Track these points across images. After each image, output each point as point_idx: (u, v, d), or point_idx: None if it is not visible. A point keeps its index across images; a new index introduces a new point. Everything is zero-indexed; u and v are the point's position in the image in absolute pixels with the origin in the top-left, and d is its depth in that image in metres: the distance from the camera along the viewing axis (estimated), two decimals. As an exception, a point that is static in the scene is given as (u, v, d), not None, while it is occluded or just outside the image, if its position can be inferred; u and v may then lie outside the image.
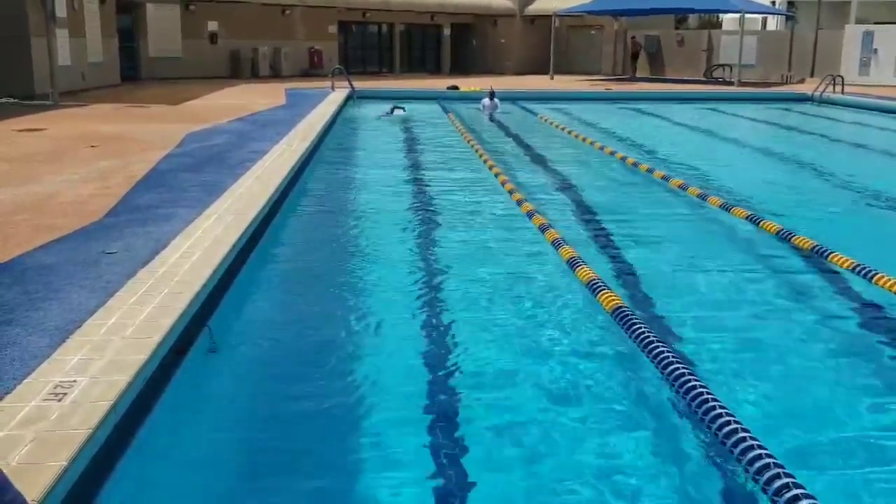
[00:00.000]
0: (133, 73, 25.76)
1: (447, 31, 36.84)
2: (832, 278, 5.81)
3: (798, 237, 6.48)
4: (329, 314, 5.05)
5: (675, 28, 39.56)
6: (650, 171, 10.12)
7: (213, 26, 29.09)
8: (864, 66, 28.51)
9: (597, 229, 7.43)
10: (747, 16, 29.74)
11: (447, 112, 17.61)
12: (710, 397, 3.32)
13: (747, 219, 7.30)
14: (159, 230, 5.87)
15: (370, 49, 36.04)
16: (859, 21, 30.23)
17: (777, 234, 6.76)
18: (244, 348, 4.50)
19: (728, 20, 38.35)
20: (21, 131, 12.27)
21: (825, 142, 14.96)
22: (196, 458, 3.36)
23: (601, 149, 12.32)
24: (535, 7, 36.57)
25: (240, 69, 29.05)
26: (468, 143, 12.70)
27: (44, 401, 3.07)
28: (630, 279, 5.85)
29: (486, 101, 18.51)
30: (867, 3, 30.69)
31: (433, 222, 7.52)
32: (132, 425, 3.26)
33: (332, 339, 4.64)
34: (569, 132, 14.62)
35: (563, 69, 33.89)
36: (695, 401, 3.36)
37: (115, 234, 5.75)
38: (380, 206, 8.19)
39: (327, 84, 21.61)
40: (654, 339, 3.98)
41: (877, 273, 5.35)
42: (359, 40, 35.64)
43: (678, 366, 3.64)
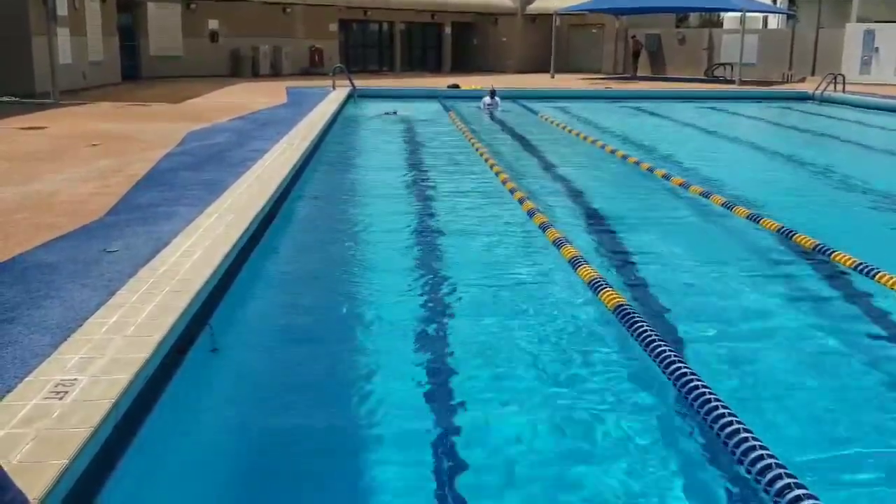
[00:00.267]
0: (134, 71, 25.77)
1: (448, 30, 36.85)
2: (833, 277, 5.80)
3: (799, 235, 6.48)
4: (329, 313, 5.05)
5: (676, 27, 39.57)
6: (651, 170, 10.11)
7: (213, 25, 29.11)
8: (865, 64, 28.50)
9: (597, 228, 7.42)
10: (748, 14, 29.73)
11: (448, 111, 17.61)
12: (713, 397, 3.31)
13: (748, 217, 7.29)
14: (160, 229, 5.87)
15: (371, 48, 36.07)
16: (860, 20, 30.18)
17: (777, 232, 6.76)
18: (245, 348, 4.49)
19: (729, 19, 38.29)
20: (22, 130, 12.28)
21: (826, 141, 14.95)
22: (196, 457, 3.36)
23: (602, 147, 12.32)
24: (536, 6, 36.58)
25: (240, 68, 29.06)
26: (469, 141, 12.69)
27: (45, 399, 3.07)
28: (631, 278, 5.85)
29: (486, 99, 18.52)
30: (868, 1, 30.64)
31: (434, 221, 7.51)
32: (133, 424, 3.25)
33: (332, 339, 4.64)
34: (569, 130, 14.62)
35: (564, 68, 33.91)
36: (696, 400, 3.36)
37: (116, 233, 5.75)
38: (381, 205, 8.18)
39: (328, 83, 21.61)
40: (655, 338, 3.97)
41: (879, 271, 5.34)
42: (359, 39, 35.66)
43: (679, 365, 3.64)
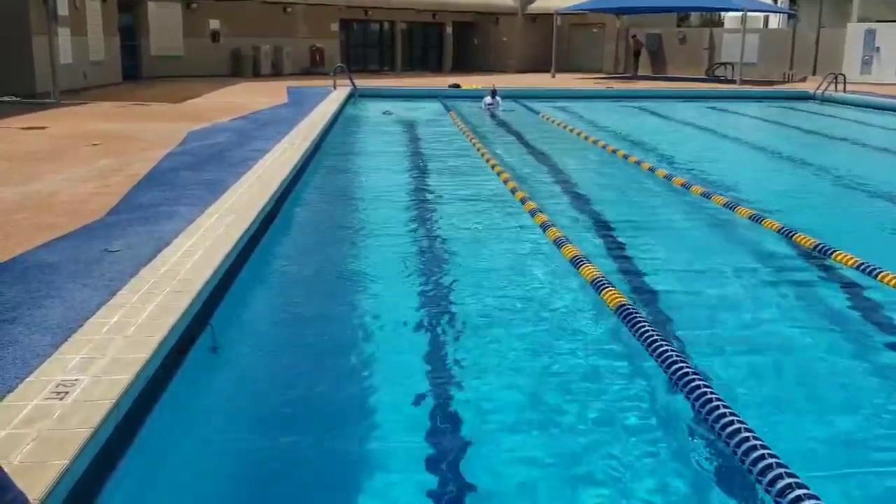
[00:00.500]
0: (134, 71, 25.76)
1: (449, 30, 36.84)
2: (834, 277, 5.80)
3: (800, 235, 6.47)
4: (330, 313, 5.05)
5: (677, 26, 39.55)
6: (652, 170, 10.11)
7: (214, 24, 29.10)
8: (866, 64, 28.49)
9: (598, 227, 7.41)
10: (749, 14, 29.72)
11: (449, 110, 17.60)
12: (714, 397, 3.31)
13: (750, 217, 7.28)
14: (161, 229, 5.86)
15: (372, 47, 36.06)
16: (861, 19, 30.17)
17: (778, 232, 6.75)
18: (245, 347, 4.49)
19: (730, 18, 38.31)
20: (22, 129, 12.28)
21: (827, 140, 14.93)
22: (197, 457, 3.35)
23: (604, 147, 12.31)
24: (537, 5, 36.56)
25: (241, 67, 29.05)
26: (470, 141, 12.68)
27: (46, 399, 3.07)
28: (631, 277, 5.84)
29: (487, 99, 18.52)
30: (869, 1, 30.63)
31: (435, 221, 7.51)
32: (134, 424, 3.25)
33: (333, 339, 4.63)
34: (570, 130, 14.61)
35: (565, 67, 33.91)
36: (698, 400, 3.36)
37: (117, 233, 5.74)
38: (381, 204, 8.18)
39: (329, 83, 21.60)
40: (657, 337, 3.97)
41: (881, 271, 5.33)
42: (360, 38, 35.65)
43: (681, 364, 3.63)
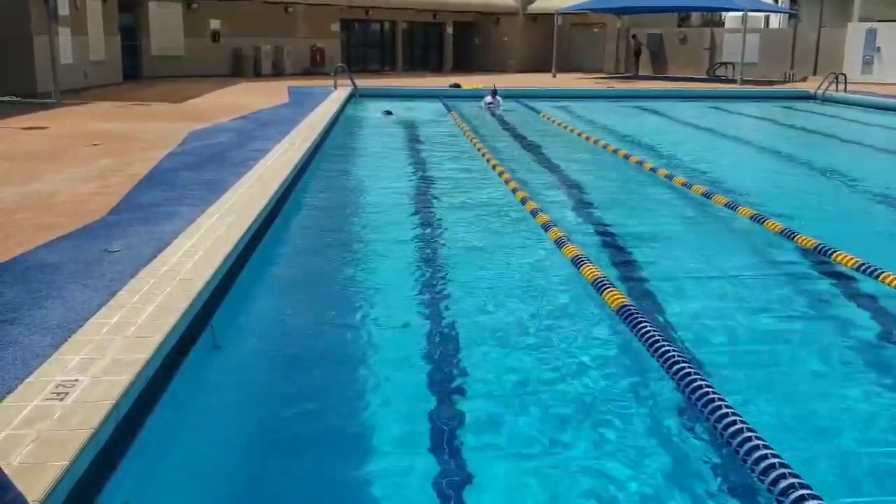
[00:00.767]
0: (135, 71, 25.76)
1: (449, 30, 36.84)
2: (835, 277, 5.79)
3: (801, 236, 6.46)
4: (331, 313, 5.03)
5: (678, 26, 39.55)
6: (654, 170, 10.09)
7: (215, 24, 29.10)
8: (866, 64, 28.47)
9: (599, 226, 7.40)
10: (750, 14, 29.70)
11: (450, 110, 17.59)
12: (716, 397, 3.30)
13: (751, 218, 7.27)
14: (161, 229, 5.86)
15: (372, 47, 36.07)
16: (862, 19, 30.15)
17: (780, 233, 6.74)
18: (246, 347, 4.49)
19: (730, 18, 38.27)
20: (23, 129, 12.28)
21: (828, 140, 14.92)
22: (198, 457, 3.35)
23: (604, 147, 12.30)
24: (538, 5, 36.56)
25: (242, 67, 29.05)
26: (470, 141, 12.67)
27: (45, 400, 3.06)
28: (632, 276, 5.83)
29: (488, 98, 18.53)
30: (870, 1, 30.62)
31: (435, 220, 7.50)
32: (134, 425, 3.24)
33: (333, 338, 4.63)
34: (570, 129, 14.60)
35: (566, 67, 33.90)
36: (700, 400, 3.35)
37: (117, 233, 5.74)
38: (382, 205, 8.17)
39: (330, 82, 21.59)
40: (659, 337, 3.96)
41: (882, 271, 5.32)
42: (361, 38, 35.66)
43: (683, 364, 3.62)
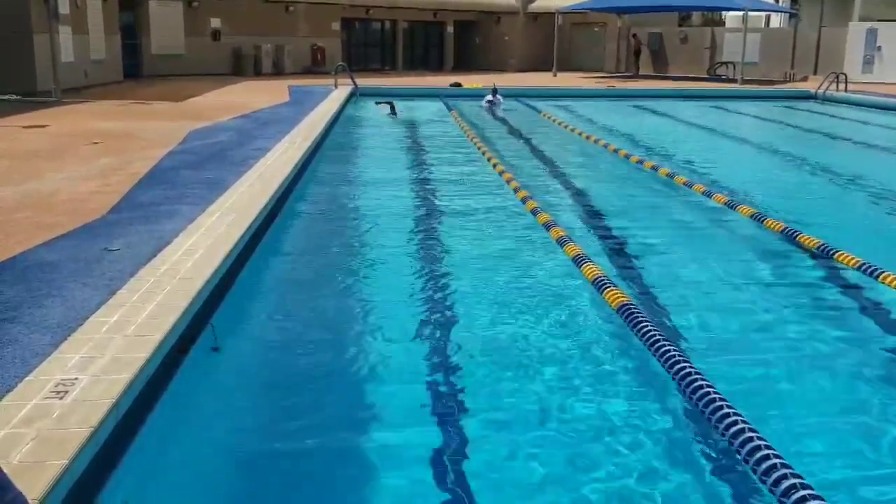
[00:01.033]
0: (135, 70, 25.76)
1: (450, 29, 36.83)
2: (837, 276, 5.78)
3: (803, 236, 6.45)
4: (331, 312, 5.03)
5: (679, 25, 39.53)
6: (655, 169, 10.09)
7: (215, 23, 29.09)
8: (867, 63, 28.45)
9: (598, 225, 7.40)
10: (750, 13, 29.68)
11: (450, 109, 17.58)
12: (718, 397, 3.29)
13: (751, 217, 7.27)
14: (161, 228, 5.85)
15: (373, 46, 36.06)
16: (863, 19, 30.14)
17: (781, 232, 6.73)
18: (246, 346, 4.48)
19: (731, 18, 38.28)
20: (23, 128, 12.27)
21: (828, 140, 14.91)
22: (198, 457, 3.34)
23: (605, 146, 12.29)
24: (539, 4, 36.54)
25: (242, 66, 29.04)
26: (471, 140, 12.66)
27: (45, 399, 3.05)
28: (633, 275, 5.83)
29: (489, 97, 18.51)
30: (870, 0, 30.61)
31: (435, 219, 7.50)
32: (134, 424, 3.24)
33: (333, 338, 4.62)
34: (571, 129, 14.60)
35: (566, 66, 33.89)
36: (701, 400, 3.34)
37: (118, 232, 5.73)
38: (383, 204, 8.16)
39: (330, 81, 21.58)
40: (660, 337, 3.95)
41: (883, 272, 5.31)
42: (362, 37, 35.65)
43: (684, 364, 3.62)
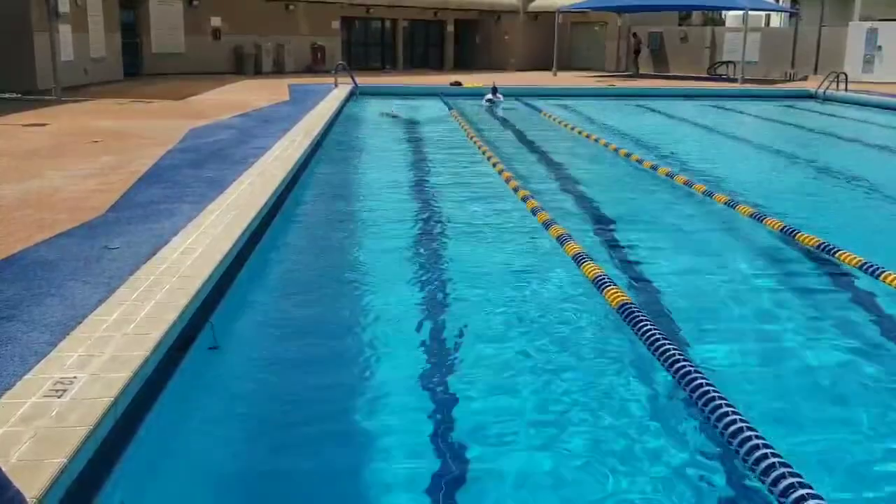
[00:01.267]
0: (135, 68, 25.72)
1: (450, 28, 36.80)
2: (837, 276, 5.78)
3: (802, 234, 6.45)
4: (331, 312, 5.03)
5: (679, 24, 39.51)
6: (654, 168, 10.08)
7: (216, 22, 29.05)
8: (867, 63, 28.43)
9: (599, 225, 7.40)
10: (751, 12, 29.66)
11: (450, 108, 17.58)
12: (717, 395, 3.29)
13: (751, 216, 7.26)
14: (161, 226, 5.85)
15: (373, 45, 36.03)
16: (863, 18, 30.11)
17: (781, 231, 6.73)
18: (246, 346, 4.48)
19: (731, 17, 38.28)
20: (23, 126, 12.27)
21: (829, 139, 14.91)
22: (197, 456, 3.34)
23: (605, 145, 12.29)
24: (539, 3, 36.51)
25: (243, 65, 29.00)
26: (471, 139, 12.66)
27: (44, 397, 3.05)
28: (633, 275, 5.83)
29: (489, 95, 18.52)
30: (871, 0, 30.60)
31: (435, 219, 7.49)
32: (132, 423, 3.23)
33: (333, 339, 4.62)
34: (571, 128, 14.59)
35: (567, 65, 33.88)
36: (701, 399, 3.34)
37: (117, 230, 5.73)
38: (383, 203, 8.15)
39: (330, 80, 21.57)
40: (660, 337, 3.95)
41: (883, 270, 5.31)
42: (362, 36, 35.60)
43: (684, 363, 3.62)
